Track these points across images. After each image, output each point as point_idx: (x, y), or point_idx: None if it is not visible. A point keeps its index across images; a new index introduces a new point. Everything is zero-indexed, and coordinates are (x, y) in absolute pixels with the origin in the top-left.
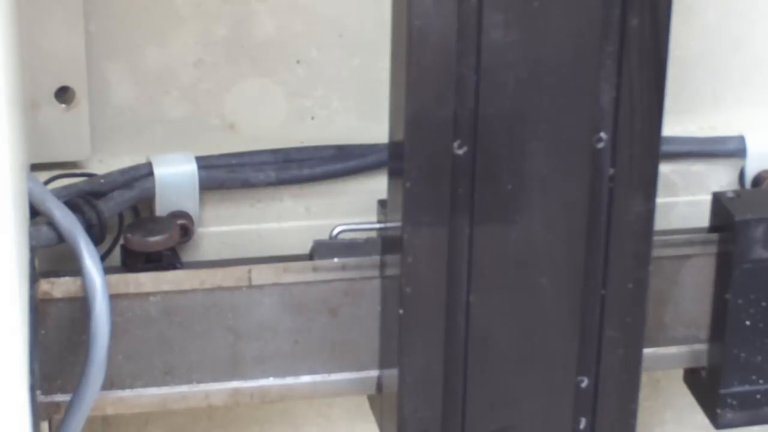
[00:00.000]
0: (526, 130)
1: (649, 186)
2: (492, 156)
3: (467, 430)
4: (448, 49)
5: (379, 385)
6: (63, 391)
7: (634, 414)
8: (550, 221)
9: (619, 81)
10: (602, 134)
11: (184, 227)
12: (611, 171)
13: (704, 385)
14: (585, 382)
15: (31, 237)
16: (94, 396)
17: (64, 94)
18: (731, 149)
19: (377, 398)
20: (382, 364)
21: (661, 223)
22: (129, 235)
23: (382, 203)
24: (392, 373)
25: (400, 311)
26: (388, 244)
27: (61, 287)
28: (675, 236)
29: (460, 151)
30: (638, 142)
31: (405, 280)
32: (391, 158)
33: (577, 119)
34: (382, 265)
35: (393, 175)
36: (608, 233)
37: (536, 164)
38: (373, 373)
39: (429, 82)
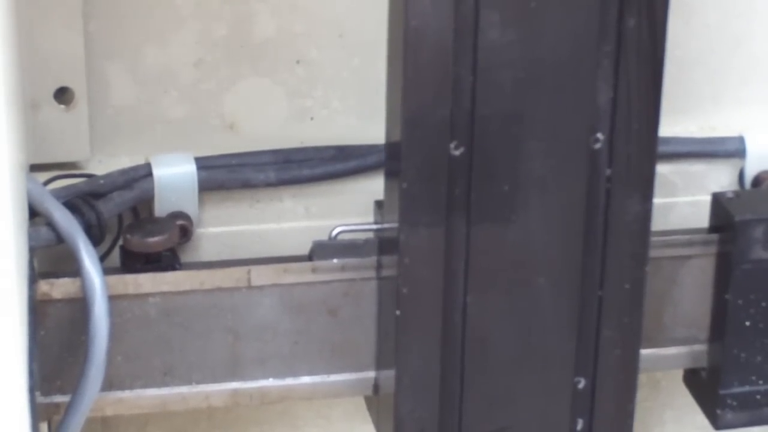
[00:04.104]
0: (523, 131)
1: (646, 186)
2: (489, 156)
3: (464, 431)
4: (445, 49)
5: (376, 386)
6: (62, 392)
7: (631, 414)
8: (547, 221)
9: (616, 81)
10: (599, 134)
11: (183, 228)
12: (608, 171)
13: (704, 386)
14: (582, 383)
15: (30, 237)
16: (93, 397)
17: (63, 94)
18: (731, 149)
19: (374, 399)
20: (379, 365)
21: (660, 223)
22: (128, 236)
23: (379, 204)
24: (389, 374)
25: (397, 312)
26: (384, 244)
27: (60, 288)
28: (675, 236)
29: (457, 152)
30: (635, 142)
31: (402, 280)
32: (387, 159)
33: (574, 119)
34: (379, 266)
35: (390, 175)
36: (605, 233)
37: (533, 164)
38: (373, 373)
39: (426, 83)
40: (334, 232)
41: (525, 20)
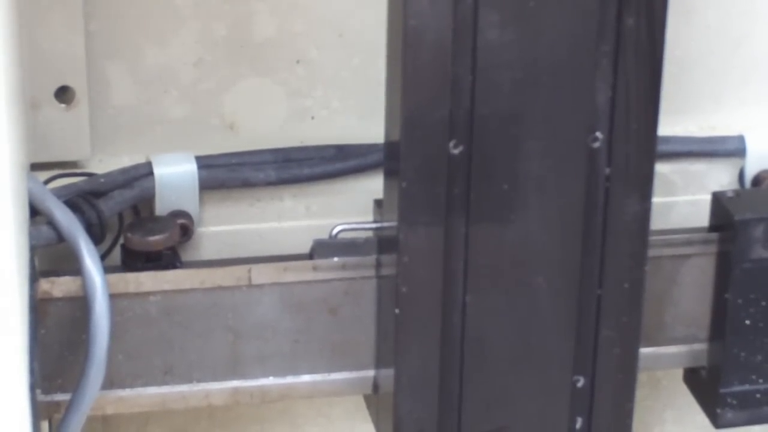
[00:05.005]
0: (521, 130)
1: (645, 185)
2: (488, 156)
3: (463, 430)
4: (444, 48)
5: (376, 385)
6: (63, 390)
7: (630, 414)
8: (546, 221)
9: (615, 80)
10: (598, 134)
11: (184, 227)
12: (607, 170)
13: (704, 385)
14: (581, 382)
15: (31, 236)
16: (94, 395)
17: (64, 94)
18: (731, 149)
19: (373, 398)
20: (378, 364)
21: (660, 222)
22: (129, 235)
23: (378, 203)
24: (388, 373)
25: (397, 311)
26: (384, 243)
27: (60, 287)
28: (674, 236)
29: (456, 151)
30: (634, 142)
31: (401, 279)
32: (386, 158)
33: (573, 119)
34: (378, 265)
35: (389, 174)
36: (604, 233)
37: (532, 164)
38: (374, 372)
39: (424, 82)
40: (335, 231)
41: (524, 20)
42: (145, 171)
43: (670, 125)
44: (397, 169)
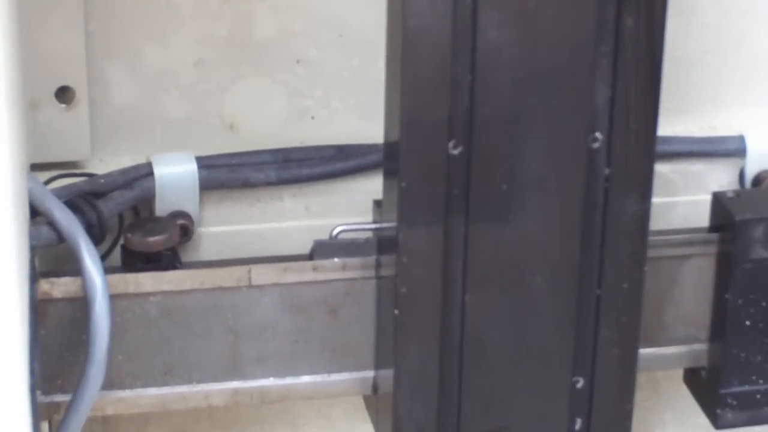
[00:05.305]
0: (521, 130)
1: (644, 186)
2: (487, 156)
3: (462, 431)
4: (444, 48)
5: (375, 386)
6: (63, 391)
7: (629, 415)
8: (546, 221)
9: (614, 81)
10: (597, 134)
11: (184, 227)
12: (606, 171)
13: (704, 385)
14: (580, 383)
15: (31, 237)
16: (94, 396)
17: (64, 94)
18: (731, 149)
19: (373, 399)
20: (378, 365)
21: (661, 222)
22: (129, 235)
23: (377, 203)
24: (388, 374)
25: (396, 311)
26: (383, 244)
27: (61, 287)
28: (675, 236)
29: (455, 151)
30: (633, 142)
31: (400, 280)
32: (386, 158)
33: (573, 119)
34: (378, 265)
35: (388, 175)
36: (603, 233)
37: (531, 164)
38: (373, 373)
39: (424, 82)
40: (335, 231)
41: (523, 20)
42: (145, 171)
43: (670, 125)
44: (397, 170)
